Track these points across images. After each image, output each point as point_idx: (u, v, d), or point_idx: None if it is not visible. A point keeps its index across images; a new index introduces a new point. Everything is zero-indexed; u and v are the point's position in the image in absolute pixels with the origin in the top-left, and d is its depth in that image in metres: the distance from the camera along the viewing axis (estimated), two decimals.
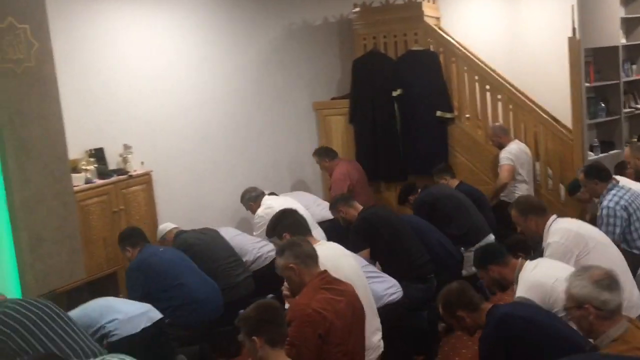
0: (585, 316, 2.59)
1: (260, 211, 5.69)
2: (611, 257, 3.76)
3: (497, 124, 6.60)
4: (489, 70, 6.79)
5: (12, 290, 4.64)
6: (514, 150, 6.31)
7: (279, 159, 7.26)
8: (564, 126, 6.61)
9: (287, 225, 3.78)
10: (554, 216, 4.03)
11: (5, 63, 4.33)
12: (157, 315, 4.16)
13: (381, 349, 3.54)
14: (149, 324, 4.04)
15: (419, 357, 4.44)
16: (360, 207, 5.01)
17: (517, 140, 6.45)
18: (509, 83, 6.85)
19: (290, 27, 7.40)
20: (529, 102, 6.67)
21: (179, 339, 4.40)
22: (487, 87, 6.75)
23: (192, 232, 5.23)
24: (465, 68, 6.82)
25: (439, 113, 6.81)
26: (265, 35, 7.13)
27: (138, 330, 3.97)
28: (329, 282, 3.14)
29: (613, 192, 4.59)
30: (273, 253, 4.77)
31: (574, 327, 2.84)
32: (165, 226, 5.35)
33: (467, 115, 6.91)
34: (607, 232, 4.30)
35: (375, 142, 7.13)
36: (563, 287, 2.80)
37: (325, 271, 3.20)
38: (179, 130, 6.15)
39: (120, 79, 5.63)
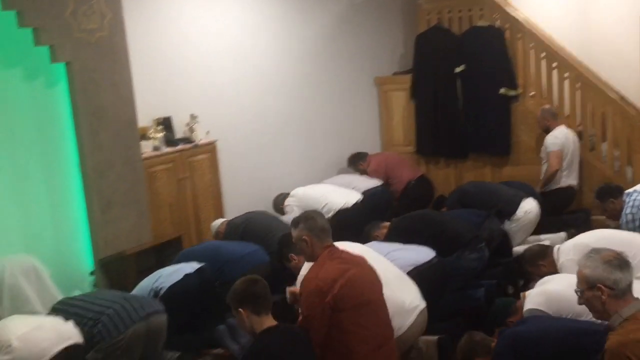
0: (597, 296, 2.61)
1: (287, 201, 5.89)
2: None
3: (546, 106, 6.45)
4: (556, 47, 6.63)
5: (84, 251, 4.87)
6: (560, 135, 6.18)
7: (339, 133, 7.29)
8: (633, 107, 6.42)
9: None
10: None
11: (79, 33, 4.50)
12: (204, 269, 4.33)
13: (419, 309, 3.56)
14: (191, 271, 4.23)
15: None
16: None
17: (564, 125, 6.31)
18: (577, 61, 6.68)
19: (354, 1, 7.38)
20: (597, 82, 6.49)
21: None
22: (554, 64, 6.60)
23: (239, 216, 5.37)
24: (532, 45, 6.68)
25: (502, 90, 6.71)
26: (329, 9, 7.15)
27: (181, 277, 4.15)
28: (337, 253, 3.27)
29: (633, 197, 4.64)
30: None
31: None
32: (217, 222, 5.47)
33: (532, 94, 6.78)
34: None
35: (436, 118, 7.09)
36: None
37: (333, 245, 3.31)
38: (242, 102, 6.26)
39: (188, 50, 5.75)
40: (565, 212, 6.16)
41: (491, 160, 6.91)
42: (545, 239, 5.39)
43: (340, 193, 5.86)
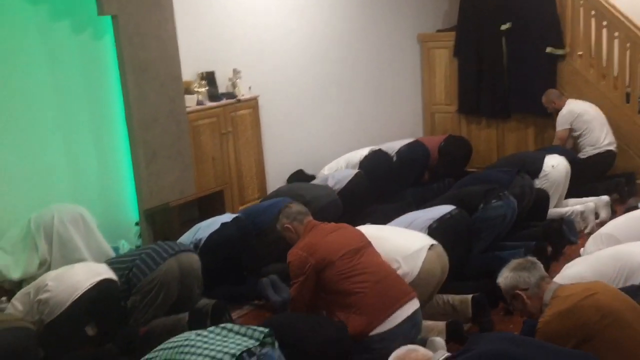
0: (521, 301, 2.78)
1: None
2: None
3: (552, 89, 6.38)
4: (607, 5, 6.43)
5: (130, 202, 4.99)
6: (566, 112, 6.10)
7: (381, 90, 7.25)
8: None
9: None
10: None
11: None
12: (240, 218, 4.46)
13: (427, 246, 3.59)
14: (228, 220, 4.35)
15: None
16: None
17: (569, 100, 6.20)
18: (629, 20, 6.47)
19: None
20: None
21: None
22: (604, 23, 6.41)
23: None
24: (582, 2, 6.49)
25: (549, 49, 6.56)
26: None
27: (218, 226, 4.26)
28: (316, 225, 3.61)
29: None
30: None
31: None
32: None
33: (580, 53, 6.61)
34: None
35: (479, 76, 6.98)
36: None
37: (311, 220, 3.66)
38: (285, 59, 6.24)
39: (232, 5, 5.73)
40: (608, 176, 6.06)
41: (535, 121, 6.80)
42: (587, 201, 5.32)
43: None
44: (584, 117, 6.06)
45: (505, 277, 2.85)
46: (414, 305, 3.27)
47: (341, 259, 3.33)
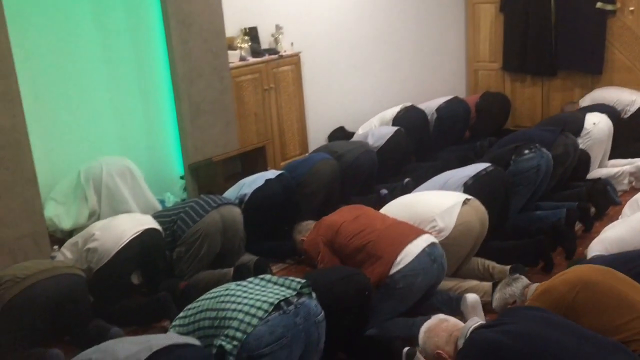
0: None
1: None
2: None
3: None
4: None
5: (175, 155, 5.10)
6: None
7: (424, 47, 7.15)
8: None
9: None
10: None
11: None
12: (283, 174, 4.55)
13: (462, 200, 3.59)
14: (272, 177, 4.44)
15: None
16: None
17: None
18: None
19: None
20: None
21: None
22: None
23: None
24: None
25: (599, 4, 6.35)
26: None
27: (262, 182, 4.34)
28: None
29: None
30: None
31: None
32: None
33: (631, 9, 6.38)
34: None
35: (526, 33, 6.82)
36: None
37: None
38: (327, 15, 6.20)
39: None
40: None
41: (582, 79, 6.64)
42: (628, 163, 5.23)
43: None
44: None
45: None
46: (427, 239, 3.30)
47: (344, 225, 3.44)
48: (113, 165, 4.69)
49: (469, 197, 3.69)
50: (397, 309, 3.26)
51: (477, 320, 2.50)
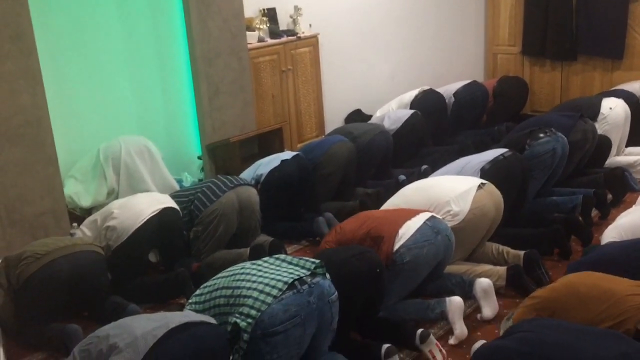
0: None
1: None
2: None
3: None
4: None
5: (193, 135, 5.14)
6: None
7: (443, 30, 7.11)
8: None
9: None
10: None
11: None
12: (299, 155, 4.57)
13: (476, 185, 3.59)
14: (288, 157, 4.45)
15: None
16: None
17: None
18: None
19: None
20: None
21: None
22: None
23: None
24: None
25: None
26: None
27: (279, 162, 4.37)
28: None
29: None
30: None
31: None
32: None
33: None
34: None
35: (546, 16, 6.74)
36: None
37: None
38: None
39: None
40: None
41: (602, 63, 6.57)
42: None
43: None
44: None
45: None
46: (427, 215, 3.32)
47: (345, 224, 3.48)
48: (132, 144, 4.73)
49: (484, 181, 3.69)
50: (408, 286, 3.28)
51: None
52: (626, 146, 5.36)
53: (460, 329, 3.16)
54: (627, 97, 5.50)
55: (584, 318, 2.45)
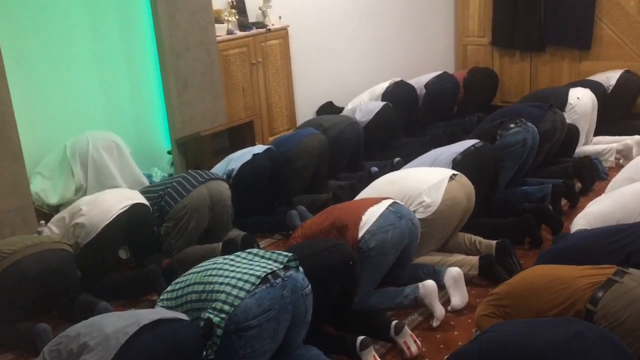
0: None
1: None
2: None
3: None
4: None
5: (162, 130, 5.07)
6: None
7: (413, 22, 7.11)
8: None
9: None
10: None
11: None
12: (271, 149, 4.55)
13: (448, 176, 3.60)
14: (260, 151, 4.43)
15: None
16: None
17: None
18: None
19: None
20: None
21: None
22: None
23: None
24: None
25: None
26: None
27: (250, 157, 4.35)
28: None
29: None
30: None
31: None
32: None
33: None
34: None
35: (515, 8, 6.78)
36: None
37: None
38: None
39: None
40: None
41: (570, 53, 6.64)
42: (615, 140, 5.26)
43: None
44: None
45: None
46: (389, 201, 3.33)
47: (309, 220, 3.50)
48: (100, 139, 4.66)
49: (456, 172, 3.71)
50: (377, 273, 3.28)
51: None
52: (594, 135, 5.44)
53: (440, 310, 3.20)
54: (594, 87, 5.58)
55: (539, 306, 2.50)
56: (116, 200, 3.68)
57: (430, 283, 3.22)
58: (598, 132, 5.46)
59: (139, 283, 3.58)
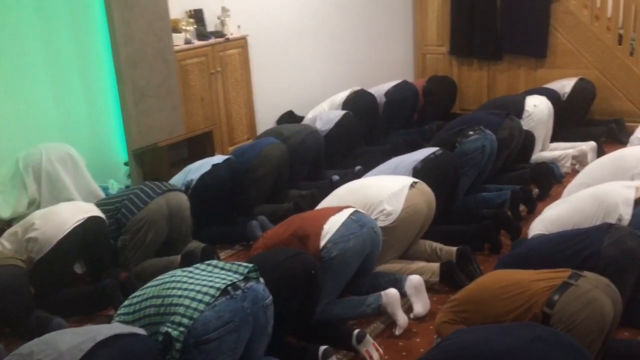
0: None
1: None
2: None
3: None
4: None
5: (118, 141, 4.98)
6: None
7: (373, 31, 7.16)
8: None
9: None
10: None
11: None
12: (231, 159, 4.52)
13: (409, 184, 3.62)
14: (219, 161, 4.40)
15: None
16: None
17: None
18: None
19: None
20: None
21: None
22: None
23: None
24: None
25: None
26: None
27: (209, 167, 4.31)
28: None
29: None
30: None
31: None
32: None
33: None
34: None
35: (472, 17, 6.88)
36: None
37: None
38: None
39: None
40: (599, 121, 6.09)
41: (526, 62, 6.76)
42: (571, 146, 5.35)
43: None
44: None
45: None
46: (350, 210, 3.32)
47: (270, 231, 3.50)
48: (53, 151, 4.54)
49: (416, 180, 3.72)
50: (339, 282, 3.26)
51: None
52: (551, 142, 5.53)
53: (402, 318, 3.19)
54: (550, 94, 5.69)
55: (497, 311, 2.54)
56: (71, 213, 3.59)
57: (392, 292, 3.20)
58: (554, 138, 5.56)
59: (95, 298, 3.49)
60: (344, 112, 5.59)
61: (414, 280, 3.33)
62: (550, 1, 6.50)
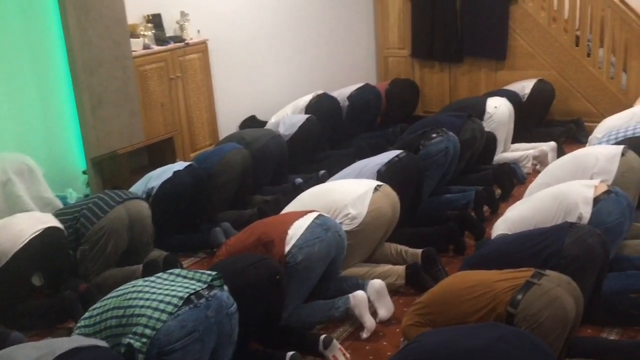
0: None
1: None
2: None
3: None
4: None
5: (76, 149, 4.87)
6: None
7: (334, 34, 7.15)
8: (633, 11, 6.29)
9: None
10: None
11: None
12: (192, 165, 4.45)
13: (372, 187, 3.61)
14: (180, 168, 4.32)
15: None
16: None
17: None
18: None
19: None
20: None
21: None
22: None
23: None
24: None
25: None
26: None
27: (170, 174, 4.23)
28: None
29: None
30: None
31: None
32: None
33: None
34: None
35: (432, 20, 6.93)
36: None
37: None
38: (234, 1, 6.07)
39: None
40: (559, 122, 6.19)
41: (487, 64, 6.83)
42: (532, 147, 5.42)
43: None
44: None
45: None
46: (314, 215, 3.30)
47: (233, 237, 3.49)
48: (8, 162, 4.41)
49: (380, 183, 3.72)
50: (305, 287, 3.24)
51: None
52: (512, 143, 5.59)
53: (370, 321, 3.18)
54: (510, 96, 5.76)
55: (461, 312, 2.55)
56: (27, 224, 3.49)
57: (360, 294, 3.20)
58: (515, 139, 5.63)
59: (54, 310, 3.40)
60: (307, 116, 5.57)
61: (376, 284, 3.32)
62: (508, 4, 6.59)
